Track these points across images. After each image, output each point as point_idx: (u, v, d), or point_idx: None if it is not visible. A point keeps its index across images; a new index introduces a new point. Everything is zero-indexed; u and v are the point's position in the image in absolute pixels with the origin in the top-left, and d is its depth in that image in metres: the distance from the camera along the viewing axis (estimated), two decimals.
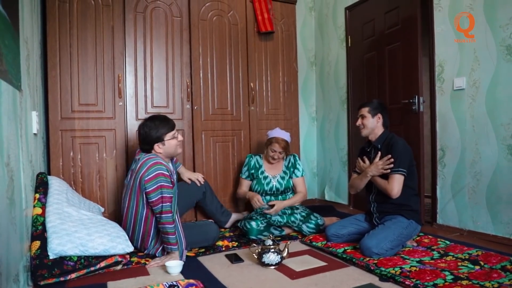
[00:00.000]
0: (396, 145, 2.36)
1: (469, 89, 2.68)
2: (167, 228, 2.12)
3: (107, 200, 2.89)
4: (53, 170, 2.72)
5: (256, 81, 3.50)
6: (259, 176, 2.99)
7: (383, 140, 2.47)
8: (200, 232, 2.47)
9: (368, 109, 2.50)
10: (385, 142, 2.45)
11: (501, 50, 2.46)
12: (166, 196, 2.13)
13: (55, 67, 2.74)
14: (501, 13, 2.46)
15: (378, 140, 2.49)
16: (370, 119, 2.49)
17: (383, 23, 3.35)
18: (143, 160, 2.22)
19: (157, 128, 2.29)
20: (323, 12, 4.13)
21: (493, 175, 2.53)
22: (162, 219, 2.12)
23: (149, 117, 2.42)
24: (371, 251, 2.16)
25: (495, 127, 2.52)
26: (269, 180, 2.98)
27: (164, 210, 2.12)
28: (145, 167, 2.16)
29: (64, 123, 2.76)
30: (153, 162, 2.17)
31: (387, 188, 2.32)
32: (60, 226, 1.98)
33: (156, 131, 2.29)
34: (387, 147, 2.41)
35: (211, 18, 3.29)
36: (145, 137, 2.31)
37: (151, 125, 2.30)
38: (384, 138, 2.48)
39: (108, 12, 2.90)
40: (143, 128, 2.32)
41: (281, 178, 3.00)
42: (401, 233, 2.26)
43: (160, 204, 2.12)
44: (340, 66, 3.90)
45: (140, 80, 3.02)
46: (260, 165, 3.02)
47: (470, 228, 2.69)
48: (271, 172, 3.01)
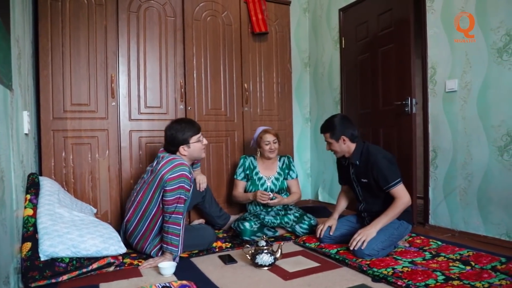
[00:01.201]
0: (377, 165, 2.25)
1: (461, 91, 2.70)
2: (174, 229, 2.14)
3: (99, 201, 2.87)
4: (44, 171, 2.69)
5: (250, 81, 3.50)
6: (254, 177, 2.98)
7: (359, 155, 2.37)
8: (197, 236, 2.47)
9: (329, 135, 2.39)
10: (362, 158, 2.36)
11: (492, 53, 2.49)
12: (182, 198, 2.17)
13: (47, 66, 2.71)
14: (492, 17, 2.48)
15: (353, 157, 2.38)
16: (335, 144, 2.39)
17: (376, 25, 3.37)
18: (167, 159, 2.25)
19: (183, 130, 2.35)
20: (317, 13, 4.15)
21: (484, 176, 2.56)
22: (172, 219, 2.14)
23: (175, 119, 2.51)
24: (362, 253, 2.16)
25: (486, 129, 2.55)
26: (264, 181, 2.97)
27: (177, 211, 2.15)
28: (170, 166, 2.18)
29: (56, 123, 2.74)
30: (178, 162, 2.21)
31: (397, 204, 2.22)
32: (52, 227, 1.97)
33: (182, 133, 2.34)
34: (366, 163, 2.32)
35: (205, 19, 3.29)
36: (172, 139, 2.36)
37: (177, 127, 2.36)
38: (359, 152, 2.37)
39: (101, 11, 2.88)
40: (170, 130, 2.38)
41: (275, 179, 2.99)
42: (392, 233, 2.26)
43: (175, 204, 2.15)
44: (334, 67, 3.91)
45: (133, 80, 3.01)
46: (255, 166, 3.01)
47: (461, 229, 2.72)
48: (266, 173, 3.01)
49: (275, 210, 2.90)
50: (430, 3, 2.91)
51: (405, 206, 2.25)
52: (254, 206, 2.94)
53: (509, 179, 2.41)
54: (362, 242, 2.15)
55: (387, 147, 3.24)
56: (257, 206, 2.93)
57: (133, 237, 2.34)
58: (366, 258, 2.16)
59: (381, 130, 3.32)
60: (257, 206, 2.93)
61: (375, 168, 2.27)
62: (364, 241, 2.15)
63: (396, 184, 2.24)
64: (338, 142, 2.37)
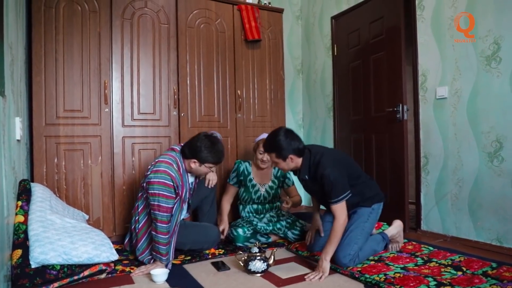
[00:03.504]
0: (325, 178, 2.09)
1: (451, 98, 2.74)
2: (159, 238, 2.12)
3: (91, 207, 2.85)
4: (36, 177, 2.67)
5: (243, 88, 3.52)
6: (247, 184, 2.93)
7: (307, 169, 2.20)
8: (202, 233, 2.48)
9: (275, 155, 2.18)
10: (311, 172, 2.20)
11: (481, 60, 2.53)
12: (162, 206, 2.13)
13: (40, 72, 2.70)
14: (480, 26, 2.53)
15: (302, 172, 2.22)
16: (283, 163, 2.20)
17: (368, 33, 3.42)
18: (157, 160, 2.27)
19: (209, 153, 2.27)
20: (310, 21, 4.19)
21: (475, 182, 2.59)
22: (157, 227, 2.13)
23: (212, 136, 2.36)
24: (342, 263, 2.14)
25: (476, 135, 2.58)
26: (257, 188, 2.95)
27: (160, 219, 2.13)
28: (154, 169, 2.20)
29: (48, 129, 2.73)
30: (163, 169, 2.18)
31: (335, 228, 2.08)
32: (43, 234, 1.95)
33: (205, 153, 2.26)
34: (316, 177, 2.17)
35: (199, 26, 3.31)
36: (194, 149, 2.28)
37: (208, 146, 2.26)
38: (307, 168, 2.20)
39: (95, 18, 2.88)
40: (200, 141, 2.27)
41: (269, 187, 2.96)
42: (362, 228, 2.24)
43: (156, 212, 2.14)
44: (326, 74, 3.95)
45: (127, 87, 3.01)
46: (249, 172, 2.95)
47: (453, 234, 2.74)
48: (260, 180, 2.96)
49: (267, 216, 2.90)
50: (420, 11, 2.96)
51: (342, 227, 2.09)
52: (247, 213, 2.94)
53: (499, 184, 2.44)
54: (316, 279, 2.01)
55: (379, 153, 3.28)
56: (249, 213, 2.94)
57: (133, 239, 2.38)
58: (350, 265, 2.14)
59: (373, 136, 3.35)
60: (249, 213, 2.94)
61: (324, 183, 2.12)
62: (322, 277, 2.01)
63: (335, 202, 2.09)
64: (286, 161, 2.18)
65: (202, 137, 2.31)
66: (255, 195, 2.93)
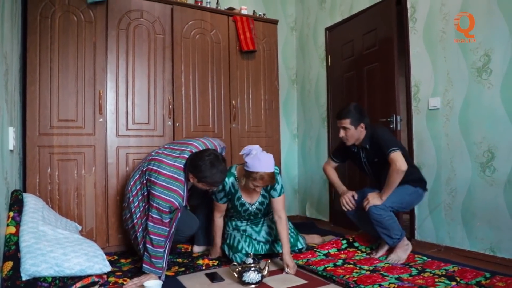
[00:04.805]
0: (379, 138, 2.41)
1: (443, 109, 2.78)
2: (149, 250, 2.10)
3: (84, 218, 2.82)
4: (29, 187, 2.65)
5: (238, 98, 3.54)
6: (235, 202, 2.57)
7: (369, 140, 2.49)
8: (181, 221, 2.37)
9: (349, 121, 2.47)
10: (370, 141, 2.49)
11: (472, 72, 2.57)
12: (155, 217, 2.12)
13: (34, 82, 2.70)
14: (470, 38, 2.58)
15: (364, 142, 2.51)
16: (353, 131, 2.48)
17: (361, 44, 3.46)
18: (167, 171, 2.22)
19: (205, 175, 2.17)
20: (304, 32, 4.24)
21: (468, 192, 2.61)
22: (150, 239, 2.11)
23: (218, 158, 2.22)
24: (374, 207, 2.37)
25: (468, 145, 2.61)
26: (247, 207, 2.61)
27: (150, 231, 2.11)
28: (161, 182, 2.18)
29: (42, 139, 2.71)
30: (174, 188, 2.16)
31: (390, 173, 2.32)
32: (35, 245, 1.93)
33: (202, 174, 2.17)
34: (373, 143, 2.46)
35: (194, 36, 3.33)
36: (195, 163, 2.20)
37: (207, 167, 2.16)
38: (369, 137, 2.50)
39: (90, 28, 2.90)
40: (203, 160, 2.18)
41: (259, 203, 2.61)
42: (403, 198, 2.42)
43: (149, 222, 2.13)
44: (320, 85, 3.98)
45: (122, 97, 3.01)
46: (236, 189, 2.53)
47: (447, 244, 2.75)
48: (249, 198, 2.59)
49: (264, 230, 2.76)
50: (412, 24, 3.01)
51: (398, 172, 2.30)
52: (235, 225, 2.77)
53: (491, 194, 2.46)
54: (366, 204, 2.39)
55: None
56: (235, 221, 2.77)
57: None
58: (375, 215, 2.36)
59: None
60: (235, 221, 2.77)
61: (379, 142, 2.40)
62: (368, 203, 2.38)
63: (391, 151, 2.32)
64: (357, 129, 2.47)
65: (206, 156, 2.20)
66: (245, 213, 2.65)
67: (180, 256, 2.71)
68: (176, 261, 2.59)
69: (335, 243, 2.80)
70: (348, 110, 2.50)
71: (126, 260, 2.63)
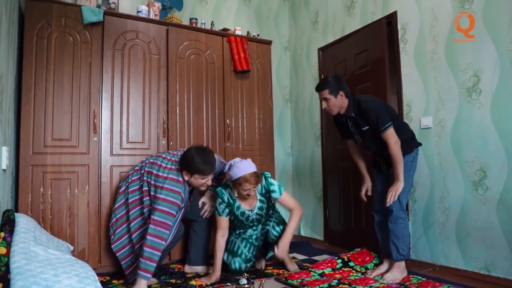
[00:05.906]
0: (369, 111, 2.43)
1: (435, 128, 2.82)
2: (146, 253, 2.13)
3: (76, 237, 2.79)
4: (21, 207, 2.62)
5: (232, 117, 3.56)
6: (236, 212, 2.70)
7: (353, 108, 2.54)
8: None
9: (328, 91, 2.51)
10: (355, 109, 2.53)
11: (462, 92, 2.63)
12: (158, 220, 2.20)
13: (29, 101, 2.71)
14: (460, 59, 2.64)
15: (349, 110, 2.55)
16: (333, 100, 2.52)
17: (353, 64, 3.52)
18: (172, 176, 2.39)
19: (197, 163, 2.36)
20: (298, 52, 4.31)
21: (461, 210, 2.62)
22: (150, 241, 2.15)
23: (202, 149, 2.47)
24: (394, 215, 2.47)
25: (460, 164, 2.64)
26: (247, 215, 2.72)
27: (152, 233, 2.18)
28: (167, 185, 2.32)
29: (35, 158, 2.70)
30: (177, 190, 2.32)
31: (391, 148, 2.38)
32: (26, 266, 1.89)
33: (192, 164, 2.36)
34: (361, 114, 2.50)
35: (189, 56, 3.37)
36: (184, 160, 2.41)
37: (196, 157, 2.36)
38: (353, 106, 2.54)
39: (86, 48, 2.93)
40: (189, 153, 2.40)
41: (259, 209, 2.73)
42: (408, 176, 2.48)
43: (151, 225, 2.21)
44: (314, 103, 4.03)
45: (116, 116, 3.02)
46: (234, 199, 2.68)
47: (441, 263, 2.74)
48: (247, 206, 2.72)
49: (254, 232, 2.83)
50: (403, 44, 3.08)
51: (395, 146, 2.38)
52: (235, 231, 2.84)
53: (484, 213, 2.48)
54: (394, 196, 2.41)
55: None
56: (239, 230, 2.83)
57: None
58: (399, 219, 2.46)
59: None
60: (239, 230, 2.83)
61: (367, 115, 2.44)
62: (395, 194, 2.40)
63: (384, 129, 2.39)
64: (336, 97, 2.51)
65: (191, 149, 2.43)
66: (247, 221, 2.74)
67: (173, 276, 2.68)
68: (169, 281, 2.55)
69: (330, 263, 2.78)
70: (325, 80, 2.57)
71: (118, 281, 2.59)
